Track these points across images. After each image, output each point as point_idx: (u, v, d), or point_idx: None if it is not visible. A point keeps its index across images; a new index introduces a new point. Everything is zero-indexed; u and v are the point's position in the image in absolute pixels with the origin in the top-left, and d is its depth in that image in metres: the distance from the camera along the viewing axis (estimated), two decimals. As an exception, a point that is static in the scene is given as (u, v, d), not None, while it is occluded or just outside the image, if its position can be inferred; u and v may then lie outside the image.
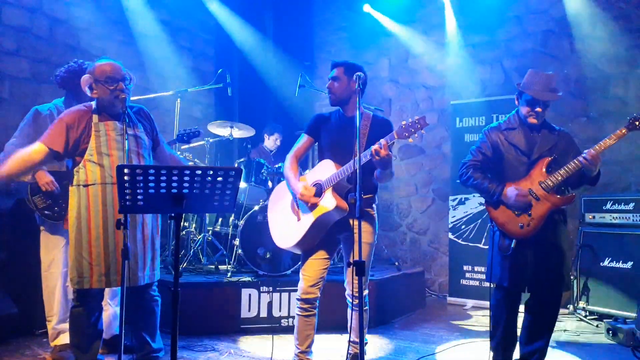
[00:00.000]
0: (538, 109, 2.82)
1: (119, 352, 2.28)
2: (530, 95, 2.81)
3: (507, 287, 2.84)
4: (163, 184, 2.05)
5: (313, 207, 2.79)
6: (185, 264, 4.54)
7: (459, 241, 5.31)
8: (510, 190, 2.76)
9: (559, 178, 2.70)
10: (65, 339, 3.16)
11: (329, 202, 2.75)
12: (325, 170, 2.83)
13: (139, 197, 2.09)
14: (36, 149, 2.61)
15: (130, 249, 2.57)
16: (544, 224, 2.73)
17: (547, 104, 2.84)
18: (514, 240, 2.76)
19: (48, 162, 2.82)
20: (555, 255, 2.78)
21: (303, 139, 3.03)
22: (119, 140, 2.69)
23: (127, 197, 2.09)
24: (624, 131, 2.67)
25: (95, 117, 2.69)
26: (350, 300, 2.94)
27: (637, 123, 2.67)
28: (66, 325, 2.95)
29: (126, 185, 2.05)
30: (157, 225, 2.86)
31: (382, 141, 2.57)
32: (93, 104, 2.74)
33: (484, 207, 2.98)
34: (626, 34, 5.05)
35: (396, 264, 5.11)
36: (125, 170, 2.03)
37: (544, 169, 2.76)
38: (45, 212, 3.20)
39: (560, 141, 2.86)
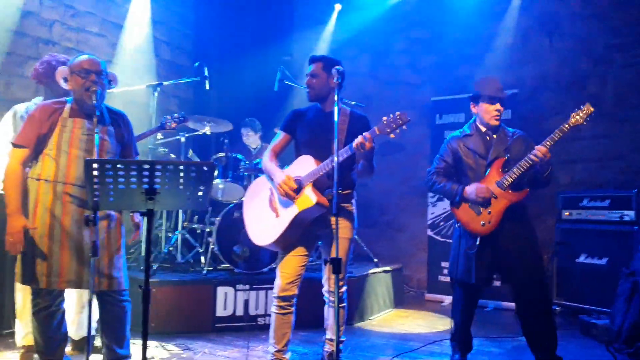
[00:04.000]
0: (500, 108, 2.96)
1: (87, 354, 2.19)
2: (492, 94, 2.95)
3: (471, 284, 2.93)
4: (134, 180, 1.98)
5: (289, 203, 2.74)
6: (159, 262, 4.44)
7: (438, 238, 5.32)
8: (470, 187, 2.90)
9: (514, 176, 2.83)
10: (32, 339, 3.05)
11: (309, 197, 2.70)
12: (305, 166, 2.78)
13: (109, 193, 2.02)
14: (16, 157, 2.52)
15: (79, 251, 2.49)
16: (504, 220, 2.84)
17: (504, 105, 3.01)
18: (478, 238, 2.87)
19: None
20: (523, 241, 2.89)
21: (280, 136, 2.98)
22: (84, 140, 2.57)
23: (97, 193, 2.02)
24: (567, 126, 2.78)
25: (66, 112, 2.59)
26: (328, 297, 2.90)
27: (577, 117, 2.79)
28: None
29: (95, 180, 1.97)
30: (116, 226, 2.69)
31: (367, 134, 2.54)
32: (68, 100, 2.64)
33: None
34: (604, 33, 5.11)
35: (375, 260, 5.09)
36: (94, 165, 1.95)
37: (499, 169, 2.91)
38: None
39: (514, 142, 3.00)
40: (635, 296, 3.50)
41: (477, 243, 2.86)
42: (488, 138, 3.01)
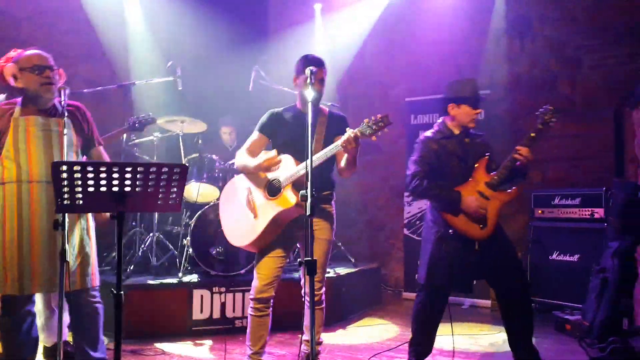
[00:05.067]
0: (480, 110, 2.93)
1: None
2: (477, 98, 2.92)
3: (446, 290, 2.89)
4: (103, 182, 1.92)
5: (268, 204, 2.71)
6: (132, 266, 4.36)
7: (414, 237, 5.35)
8: (471, 200, 2.79)
9: (502, 175, 2.82)
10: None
11: (288, 198, 2.67)
12: (285, 166, 2.75)
13: (78, 195, 1.96)
14: None
15: (50, 254, 2.43)
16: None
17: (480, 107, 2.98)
18: (476, 243, 2.81)
19: None
20: (501, 241, 2.87)
21: (256, 137, 2.93)
22: (41, 136, 2.50)
23: (65, 196, 1.96)
24: (538, 129, 2.83)
25: (17, 111, 2.52)
26: (306, 299, 2.88)
27: (546, 118, 2.85)
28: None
29: (63, 183, 1.91)
30: (87, 226, 2.64)
31: (352, 134, 2.51)
32: (19, 99, 2.57)
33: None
34: (573, 36, 5.21)
35: (353, 260, 5.09)
36: (62, 167, 1.89)
37: (484, 170, 2.89)
38: None
39: (486, 145, 3.00)
40: (605, 292, 3.59)
41: (477, 248, 2.80)
42: (463, 141, 2.95)
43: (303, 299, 2.89)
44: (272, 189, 2.77)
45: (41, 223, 2.47)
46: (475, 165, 2.90)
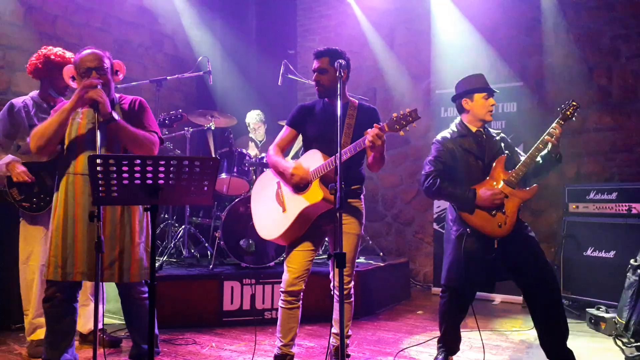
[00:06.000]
0: (495, 103, 2.93)
1: (94, 348, 2.21)
2: (488, 87, 2.93)
3: (471, 290, 2.90)
4: (137, 175, 1.97)
5: (297, 198, 2.73)
6: (165, 257, 4.46)
7: (444, 231, 5.29)
8: (483, 192, 2.78)
9: (522, 172, 2.79)
10: (42, 333, 3.08)
11: (316, 192, 2.68)
12: (313, 160, 2.75)
13: (113, 188, 2.02)
14: None
15: (90, 243, 2.51)
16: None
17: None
18: (495, 242, 2.79)
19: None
20: (525, 238, 2.83)
21: (286, 131, 2.94)
22: (90, 128, 2.60)
23: (101, 189, 2.02)
24: (561, 122, 2.77)
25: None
26: (335, 292, 2.89)
27: (568, 113, 2.80)
28: (43, 320, 2.87)
29: (99, 176, 1.97)
30: (130, 220, 2.67)
31: (376, 132, 2.49)
32: None
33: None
34: (609, 24, 5.05)
35: (381, 254, 5.08)
36: (98, 161, 1.95)
37: (503, 167, 2.85)
38: (23, 203, 3.10)
39: (503, 142, 2.99)
40: (643, 289, 3.48)
41: (496, 247, 2.77)
42: (480, 138, 2.93)
43: (332, 293, 2.90)
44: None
45: (84, 213, 2.56)
46: (493, 164, 2.87)
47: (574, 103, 2.81)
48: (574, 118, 2.81)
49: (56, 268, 2.54)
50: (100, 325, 3.10)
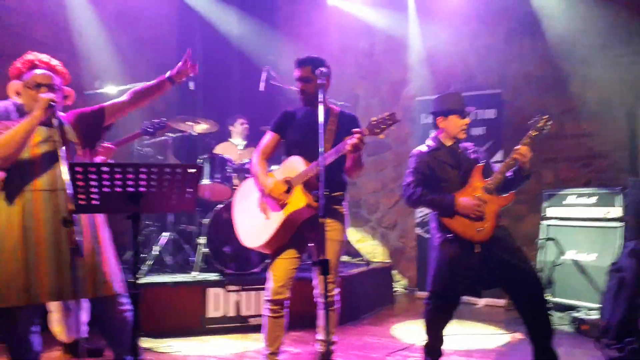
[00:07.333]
0: (468, 120, 3.03)
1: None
2: (463, 109, 3.02)
3: (456, 295, 2.91)
4: (118, 182, 1.94)
5: (283, 205, 2.72)
6: (148, 264, 4.40)
7: (427, 236, 5.33)
8: (464, 200, 2.83)
9: (498, 179, 2.86)
10: None
11: (299, 199, 2.67)
12: (294, 167, 2.75)
13: (93, 196, 1.98)
14: None
15: (58, 259, 2.36)
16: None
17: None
18: (477, 246, 2.82)
19: None
20: (513, 246, 2.86)
21: (269, 137, 2.94)
22: (45, 146, 2.44)
23: (81, 197, 1.98)
24: (532, 136, 2.85)
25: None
26: (320, 299, 2.87)
27: (539, 125, 2.87)
28: None
29: (79, 184, 1.94)
30: (96, 234, 2.53)
31: (358, 135, 2.52)
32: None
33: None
34: (586, 33, 5.12)
35: (364, 259, 5.09)
36: (78, 169, 1.92)
37: (481, 176, 2.92)
38: None
39: (480, 153, 3.08)
40: (622, 292, 3.53)
41: (477, 251, 2.80)
42: (454, 151, 3.03)
43: (315, 300, 2.88)
44: None
45: (49, 230, 2.39)
46: (471, 173, 2.94)
47: (544, 117, 2.87)
48: (544, 131, 2.87)
49: (18, 292, 2.32)
50: (84, 334, 3.03)
